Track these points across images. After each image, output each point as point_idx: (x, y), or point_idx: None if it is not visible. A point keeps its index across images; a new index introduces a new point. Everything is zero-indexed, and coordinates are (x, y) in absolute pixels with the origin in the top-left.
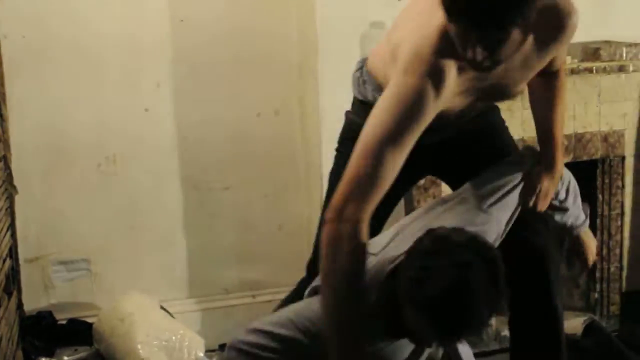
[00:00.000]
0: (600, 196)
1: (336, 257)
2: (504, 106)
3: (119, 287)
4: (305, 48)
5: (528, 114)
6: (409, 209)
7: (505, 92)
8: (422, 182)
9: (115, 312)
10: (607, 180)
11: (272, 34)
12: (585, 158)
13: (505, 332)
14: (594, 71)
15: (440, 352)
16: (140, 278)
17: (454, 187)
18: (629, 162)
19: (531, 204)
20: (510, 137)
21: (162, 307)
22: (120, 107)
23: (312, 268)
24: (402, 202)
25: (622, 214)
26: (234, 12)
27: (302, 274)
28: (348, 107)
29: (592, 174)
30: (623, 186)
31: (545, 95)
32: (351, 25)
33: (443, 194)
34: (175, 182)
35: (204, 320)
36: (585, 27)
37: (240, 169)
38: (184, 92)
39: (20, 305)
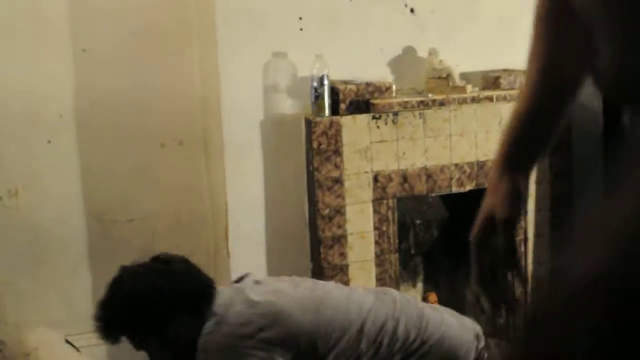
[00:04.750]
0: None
1: None
2: (406, 135)
3: (23, 322)
4: (208, 78)
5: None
6: (314, 238)
7: None
8: (326, 211)
9: (20, 347)
10: None
11: (175, 63)
12: (486, 185)
13: None
14: (495, 99)
15: None
16: (46, 312)
17: None
18: (532, 189)
19: None
20: None
21: (67, 341)
22: (22, 139)
23: None
24: (307, 233)
25: (526, 239)
26: (135, 42)
27: None
28: (250, 136)
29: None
30: (526, 212)
31: None
32: (253, 55)
33: (347, 224)
34: (80, 215)
35: (110, 354)
36: (486, 56)
37: (144, 200)
38: (87, 123)
39: None
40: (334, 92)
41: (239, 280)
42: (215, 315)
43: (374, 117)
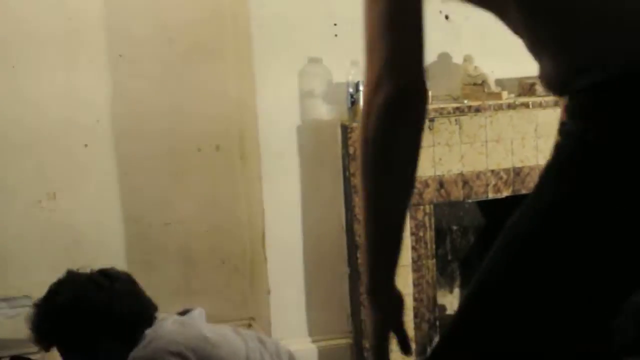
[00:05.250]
0: None
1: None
2: (442, 140)
3: None
4: (245, 84)
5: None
6: (351, 243)
7: None
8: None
9: None
10: None
11: (211, 69)
12: (523, 192)
13: None
14: (530, 106)
15: None
16: None
17: None
18: None
19: None
20: None
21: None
22: (59, 143)
23: None
24: (343, 238)
25: None
26: (172, 48)
27: (247, 308)
28: (287, 141)
29: None
30: None
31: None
32: (289, 61)
33: None
34: (116, 218)
35: None
36: (521, 62)
37: (181, 204)
38: (124, 128)
39: None
40: None
41: (184, 313)
42: (146, 336)
43: None
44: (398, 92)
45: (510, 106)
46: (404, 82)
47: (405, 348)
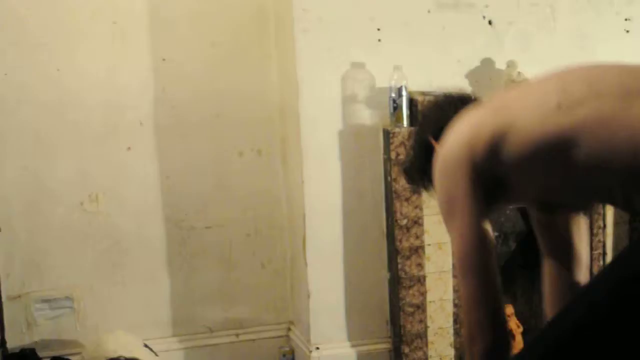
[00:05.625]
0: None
1: None
2: None
3: (103, 325)
4: (287, 88)
5: None
6: (391, 249)
7: None
8: (404, 222)
9: (99, 349)
10: (588, 220)
11: (253, 74)
12: None
13: None
14: None
15: None
16: (124, 316)
17: None
18: None
19: None
20: None
21: (145, 346)
22: (102, 145)
23: None
24: (384, 243)
25: (604, 254)
26: (215, 52)
27: (286, 312)
28: (329, 145)
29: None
30: (604, 226)
31: None
32: (331, 66)
33: (425, 234)
34: (158, 221)
35: (188, 358)
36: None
37: (222, 208)
38: (166, 130)
39: (3, 342)
40: (412, 103)
41: None
42: None
43: None
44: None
45: None
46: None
47: None
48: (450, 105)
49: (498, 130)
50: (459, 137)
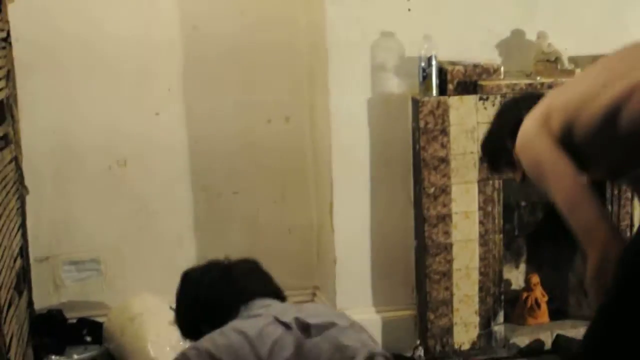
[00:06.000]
0: (609, 208)
1: None
2: None
3: (129, 288)
4: (316, 56)
5: None
6: (419, 217)
7: None
8: (432, 190)
9: (125, 311)
10: (616, 192)
11: (282, 41)
12: None
13: (514, 340)
14: None
15: None
16: (150, 279)
17: None
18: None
19: None
20: None
21: (171, 308)
22: (131, 110)
23: None
24: (411, 211)
25: (631, 225)
26: (244, 20)
27: (312, 278)
28: (357, 114)
29: (601, 186)
30: (632, 198)
31: None
32: (361, 34)
33: (452, 203)
34: (185, 186)
35: None
36: (595, 40)
37: (249, 174)
38: (195, 97)
39: (30, 303)
40: (441, 72)
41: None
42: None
43: (481, 99)
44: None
45: None
46: None
47: None
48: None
49: (568, 116)
50: (534, 121)
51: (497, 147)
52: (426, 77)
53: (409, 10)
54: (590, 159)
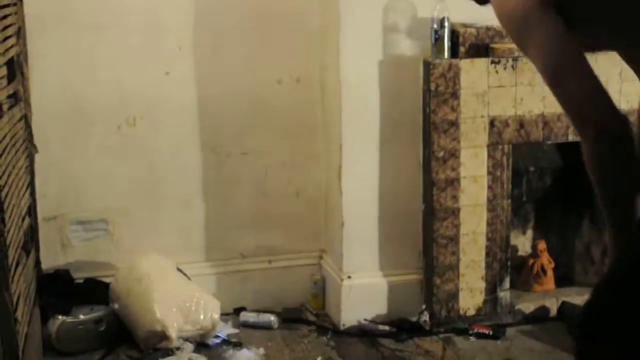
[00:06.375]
0: None
1: None
2: (525, 80)
3: (137, 248)
4: (327, 17)
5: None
6: (427, 180)
7: None
8: (441, 153)
9: (132, 272)
10: None
11: (294, 2)
12: None
13: (519, 306)
14: None
15: None
16: (158, 240)
17: None
18: None
19: None
20: None
21: (178, 269)
22: (141, 70)
23: None
24: (420, 174)
25: None
26: None
27: (319, 240)
28: (368, 75)
29: None
30: None
31: None
32: None
33: (461, 167)
34: (194, 146)
35: (220, 283)
36: None
37: (259, 135)
38: (205, 57)
39: (38, 263)
40: (454, 34)
41: None
42: None
43: (492, 62)
44: None
45: None
46: None
47: None
48: None
49: None
50: None
51: None
52: (438, 39)
53: None
54: (591, 19)
